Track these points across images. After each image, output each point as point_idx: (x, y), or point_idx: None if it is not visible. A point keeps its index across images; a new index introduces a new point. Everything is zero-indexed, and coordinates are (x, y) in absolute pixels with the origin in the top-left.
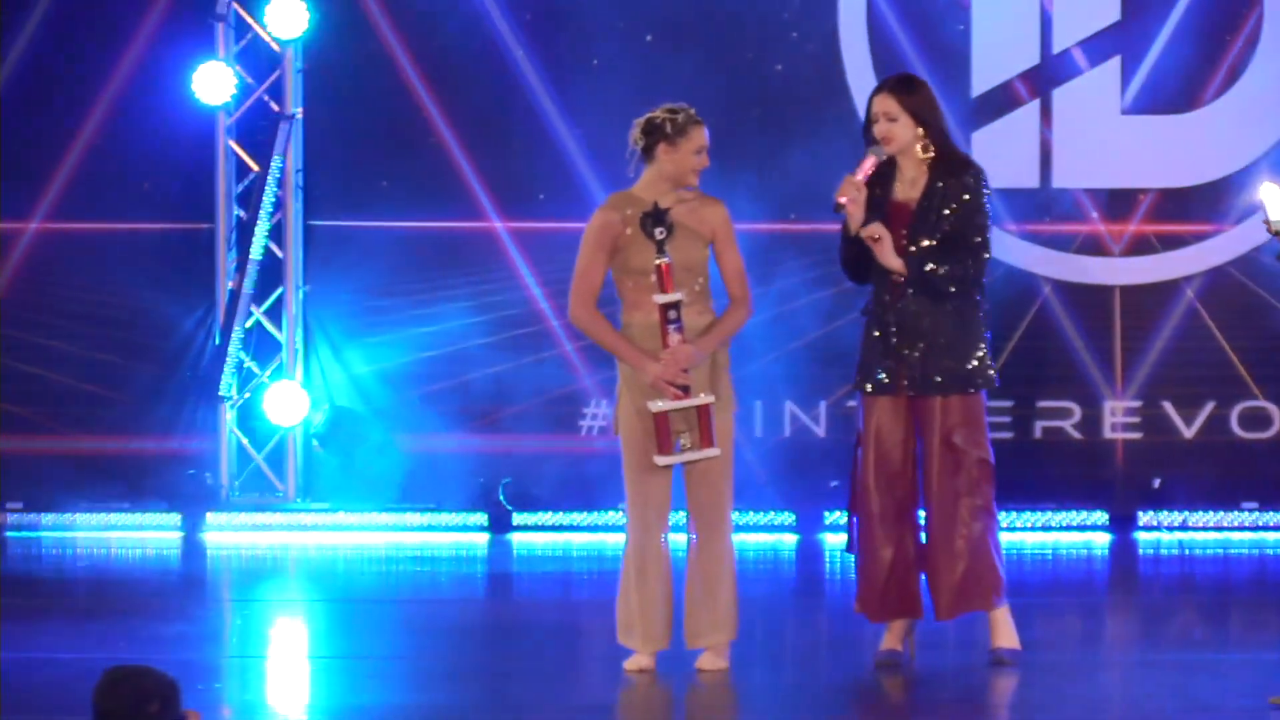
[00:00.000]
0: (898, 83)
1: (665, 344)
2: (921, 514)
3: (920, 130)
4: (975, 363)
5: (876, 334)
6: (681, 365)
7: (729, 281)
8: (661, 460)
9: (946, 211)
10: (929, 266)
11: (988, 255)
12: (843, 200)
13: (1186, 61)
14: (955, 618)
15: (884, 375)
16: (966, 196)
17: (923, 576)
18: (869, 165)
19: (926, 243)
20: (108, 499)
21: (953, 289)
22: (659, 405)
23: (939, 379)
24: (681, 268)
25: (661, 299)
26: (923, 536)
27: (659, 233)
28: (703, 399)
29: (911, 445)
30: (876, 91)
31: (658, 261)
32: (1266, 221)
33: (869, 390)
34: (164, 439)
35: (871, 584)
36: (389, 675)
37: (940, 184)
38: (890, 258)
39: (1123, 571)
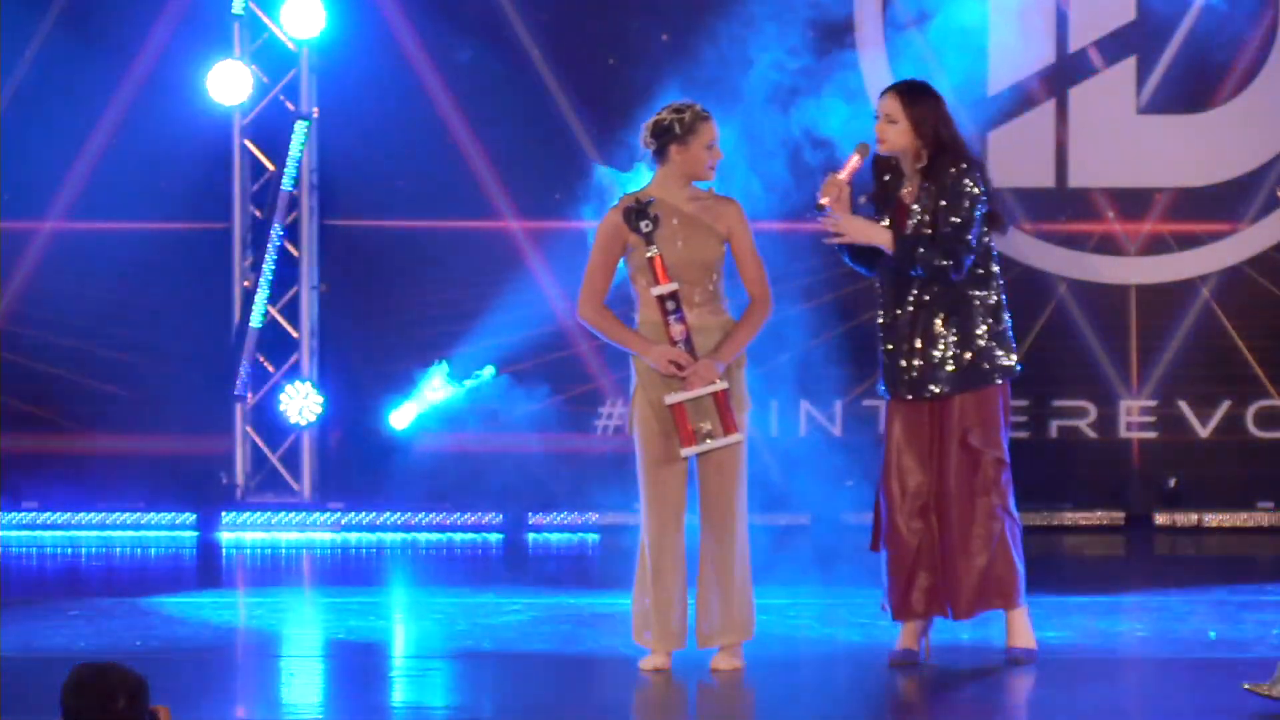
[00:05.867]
0: (906, 87)
1: (668, 335)
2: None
3: (919, 140)
4: (978, 360)
5: (884, 338)
6: (705, 380)
7: (748, 281)
8: (686, 451)
9: (929, 209)
10: (916, 266)
11: (968, 250)
12: (824, 201)
13: (1202, 61)
14: (973, 616)
15: (893, 380)
16: (946, 194)
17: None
18: (853, 163)
19: (913, 241)
20: (123, 498)
21: (931, 269)
22: (674, 397)
23: (939, 380)
24: (696, 265)
25: (657, 290)
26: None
27: (644, 225)
28: (717, 386)
29: (933, 444)
30: (884, 92)
31: (648, 254)
32: None
33: (885, 394)
34: (179, 438)
35: (896, 583)
36: (402, 675)
37: (928, 184)
38: (865, 229)
39: (1138, 571)
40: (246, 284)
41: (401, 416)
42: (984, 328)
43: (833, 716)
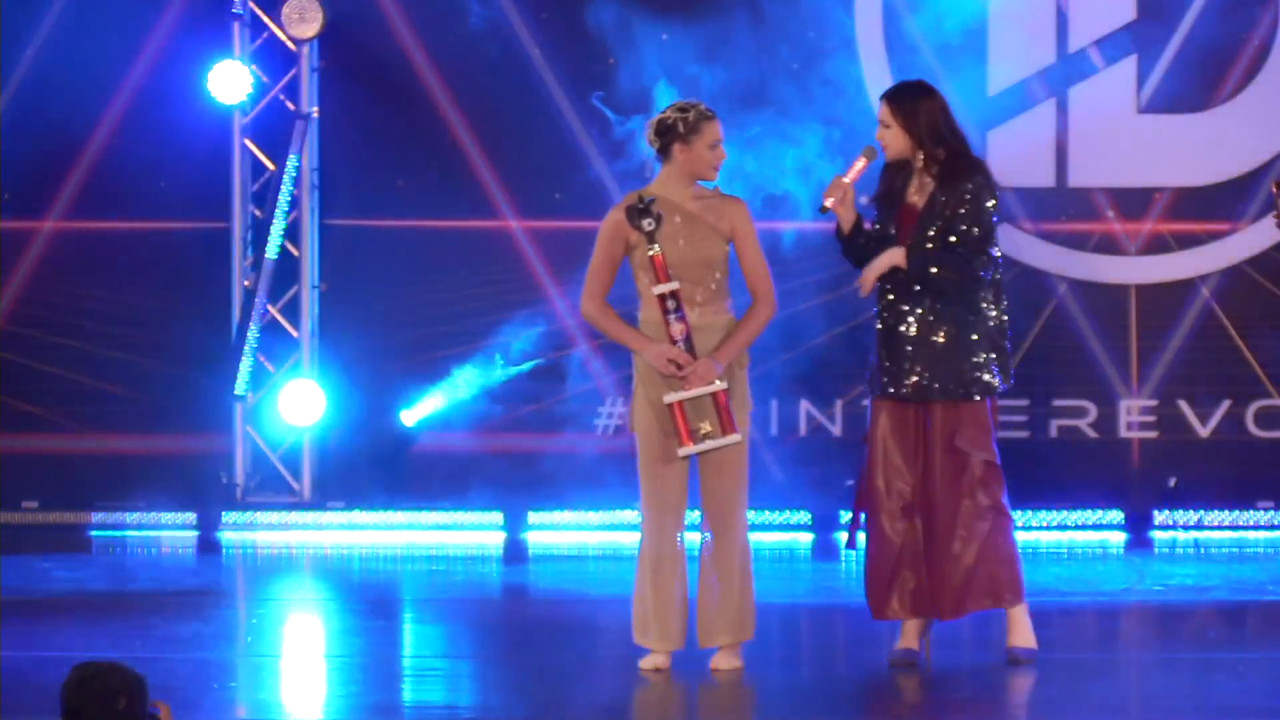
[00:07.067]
0: (896, 90)
1: (668, 334)
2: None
3: (913, 140)
4: (974, 369)
5: (881, 338)
6: (704, 380)
7: (751, 280)
8: (683, 451)
9: (946, 219)
10: (930, 271)
11: (990, 260)
12: (829, 203)
13: (1202, 60)
14: (960, 618)
15: (887, 380)
16: (966, 205)
17: None
18: (859, 167)
19: (926, 249)
20: (123, 498)
21: (952, 294)
22: (672, 397)
23: (937, 385)
24: (698, 264)
25: (658, 289)
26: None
27: (647, 224)
28: (715, 386)
29: (919, 447)
30: (880, 98)
31: (649, 253)
32: (1277, 214)
33: (874, 393)
34: (179, 438)
35: (876, 582)
36: (404, 675)
37: (943, 193)
38: (881, 264)
39: (1138, 571)
40: (247, 284)
41: (415, 413)
42: (986, 338)
43: (833, 716)
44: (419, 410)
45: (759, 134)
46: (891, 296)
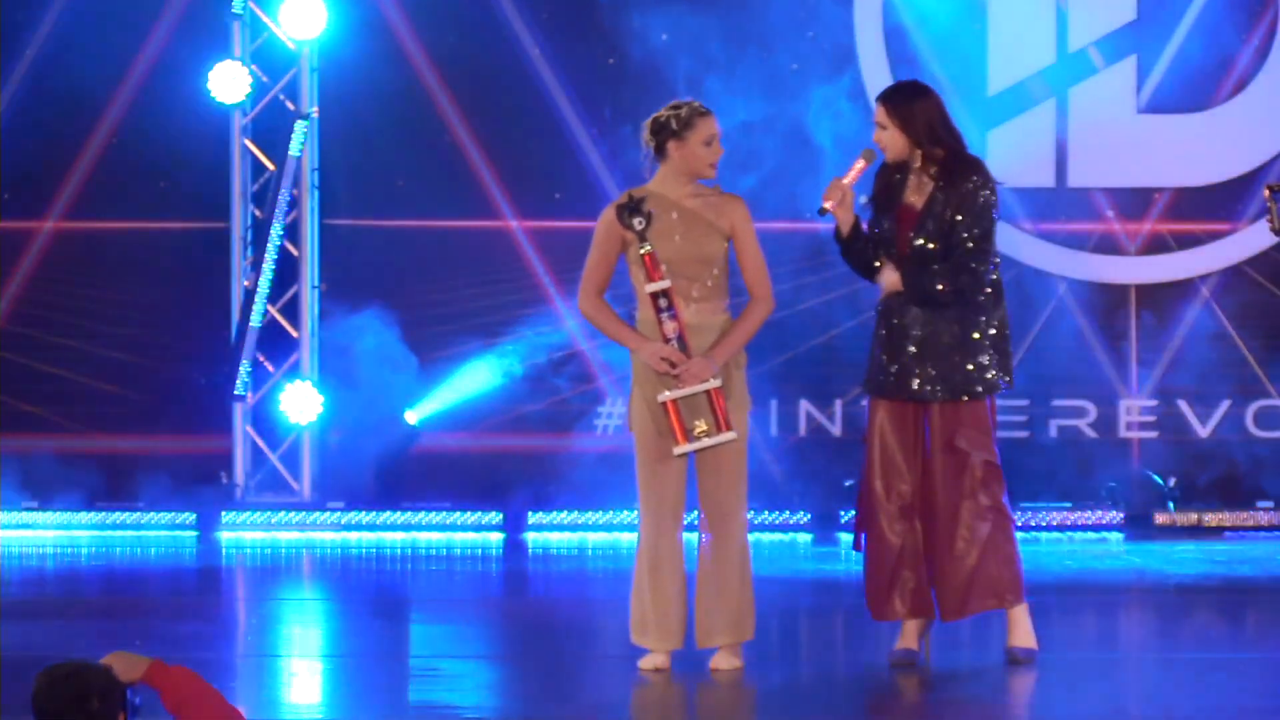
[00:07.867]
0: (892, 91)
1: (661, 333)
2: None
3: (910, 141)
4: (975, 369)
5: (880, 337)
6: (698, 378)
7: (749, 278)
8: (678, 449)
9: (946, 220)
10: (926, 273)
11: (988, 262)
12: (827, 205)
13: (1202, 60)
14: (961, 619)
15: (885, 379)
16: (965, 205)
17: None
18: (858, 168)
19: (925, 249)
20: (123, 497)
21: (951, 295)
22: (666, 395)
23: (937, 385)
24: (695, 260)
25: (650, 287)
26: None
27: (637, 223)
28: (710, 384)
29: (918, 447)
30: (876, 99)
31: (641, 251)
32: (1270, 218)
33: (872, 393)
34: (179, 438)
35: (876, 583)
36: (402, 674)
37: (942, 193)
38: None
39: (1138, 570)
40: (246, 284)
41: (417, 413)
42: (986, 338)
43: (833, 716)
44: (421, 410)
45: (758, 133)
46: (890, 300)
